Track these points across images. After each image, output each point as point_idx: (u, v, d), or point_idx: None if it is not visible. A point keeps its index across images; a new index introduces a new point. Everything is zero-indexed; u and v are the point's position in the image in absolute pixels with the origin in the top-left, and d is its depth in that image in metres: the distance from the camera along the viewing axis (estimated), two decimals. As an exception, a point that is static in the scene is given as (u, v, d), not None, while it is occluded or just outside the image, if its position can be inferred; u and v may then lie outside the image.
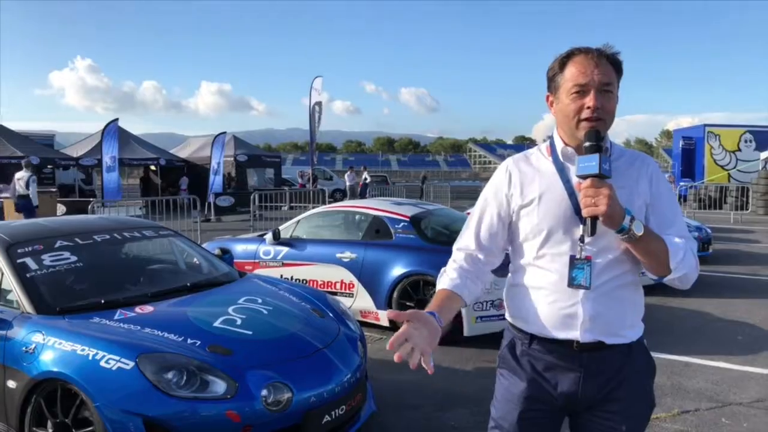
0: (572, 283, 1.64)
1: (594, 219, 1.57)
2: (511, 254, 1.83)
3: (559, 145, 1.74)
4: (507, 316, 1.86)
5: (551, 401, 1.73)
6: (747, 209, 18.55)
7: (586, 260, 1.64)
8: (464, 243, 1.83)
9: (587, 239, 1.64)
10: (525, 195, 1.74)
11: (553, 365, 1.71)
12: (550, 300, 1.69)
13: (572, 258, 1.65)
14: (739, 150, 24.10)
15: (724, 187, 20.23)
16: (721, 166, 23.89)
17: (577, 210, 1.65)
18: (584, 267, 1.63)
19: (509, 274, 1.85)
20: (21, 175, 12.42)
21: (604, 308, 1.65)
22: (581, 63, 1.64)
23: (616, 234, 1.59)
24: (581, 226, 1.64)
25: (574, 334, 1.66)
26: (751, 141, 24.06)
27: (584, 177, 1.59)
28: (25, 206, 12.03)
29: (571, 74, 1.65)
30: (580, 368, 1.69)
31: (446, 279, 1.77)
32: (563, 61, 1.68)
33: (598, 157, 1.56)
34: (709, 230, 9.90)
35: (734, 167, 23.66)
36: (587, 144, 1.61)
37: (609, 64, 1.65)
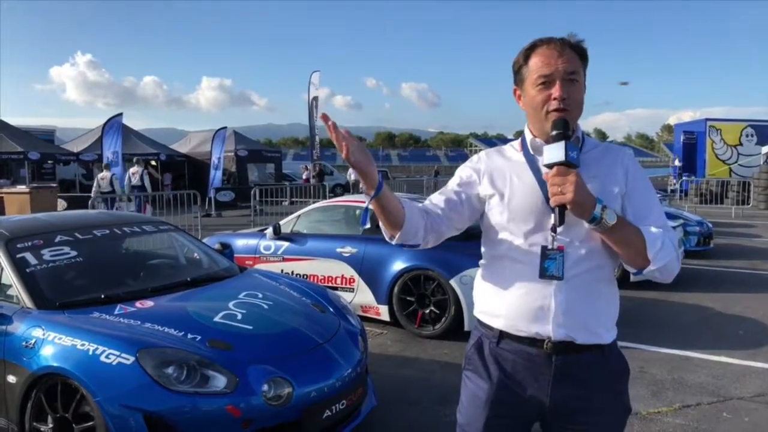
0: (544, 273, 1.60)
1: (562, 208, 1.53)
2: (483, 246, 1.79)
3: (528, 138, 1.72)
4: (475, 311, 1.79)
5: (520, 406, 1.66)
6: (748, 204, 18.52)
7: (558, 250, 1.60)
8: (433, 199, 1.78)
9: (559, 229, 1.60)
10: (496, 187, 1.71)
11: (523, 367, 1.65)
12: (522, 292, 1.64)
13: (544, 248, 1.61)
14: (741, 144, 24.03)
15: (725, 182, 20.19)
16: (723, 161, 23.82)
17: (548, 200, 1.61)
18: (556, 257, 1.59)
19: (479, 268, 1.80)
20: (136, 170, 14.78)
21: (578, 301, 1.61)
22: (544, 54, 1.62)
23: (588, 224, 1.55)
24: (552, 217, 1.60)
25: (546, 328, 1.61)
26: (752, 135, 23.98)
27: (551, 166, 1.56)
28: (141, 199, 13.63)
29: (536, 65, 1.62)
30: (549, 372, 1.62)
31: (404, 199, 1.69)
32: (527, 53, 1.66)
33: (563, 145, 1.54)
34: (710, 225, 9.88)
35: (735, 162, 23.59)
36: (554, 133, 1.58)
37: (573, 52, 1.62)
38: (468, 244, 3.69)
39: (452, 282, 5.18)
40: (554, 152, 1.55)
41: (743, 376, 4.47)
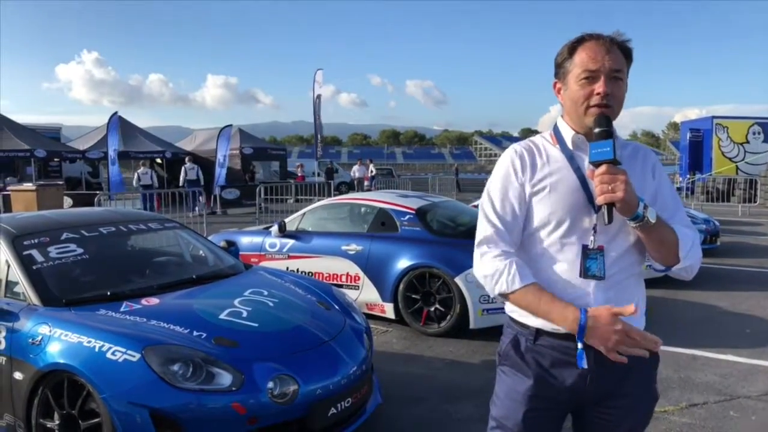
0: (586, 273, 1.61)
1: (610, 206, 1.54)
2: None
3: (568, 133, 1.70)
4: (507, 310, 1.78)
5: (557, 398, 1.69)
6: (755, 201, 18.43)
7: (598, 250, 1.61)
8: (494, 232, 1.69)
9: (599, 228, 1.61)
10: (535, 183, 1.69)
11: (560, 361, 1.66)
12: (560, 291, 1.63)
13: (585, 248, 1.62)
14: (747, 142, 23.88)
15: (732, 180, 20.10)
16: (729, 158, 23.68)
17: (590, 199, 1.62)
18: (597, 257, 1.61)
19: None
20: (190, 166, 16.98)
21: (614, 299, 1.62)
22: (592, 49, 1.61)
23: (630, 222, 1.57)
24: (594, 215, 1.62)
25: None
26: (759, 133, 23.83)
27: (598, 164, 1.56)
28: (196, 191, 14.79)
29: (581, 60, 1.62)
30: (590, 362, 1.63)
31: (527, 273, 1.62)
32: (573, 47, 1.65)
33: (612, 143, 1.54)
34: (716, 223, 9.82)
35: (742, 159, 23.46)
36: (598, 130, 1.58)
37: (619, 51, 1.63)
38: (473, 242, 3.67)
39: (457, 280, 5.17)
40: (602, 149, 1.55)
41: (750, 374, 4.45)
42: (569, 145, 1.70)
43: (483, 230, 1.72)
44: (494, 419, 1.78)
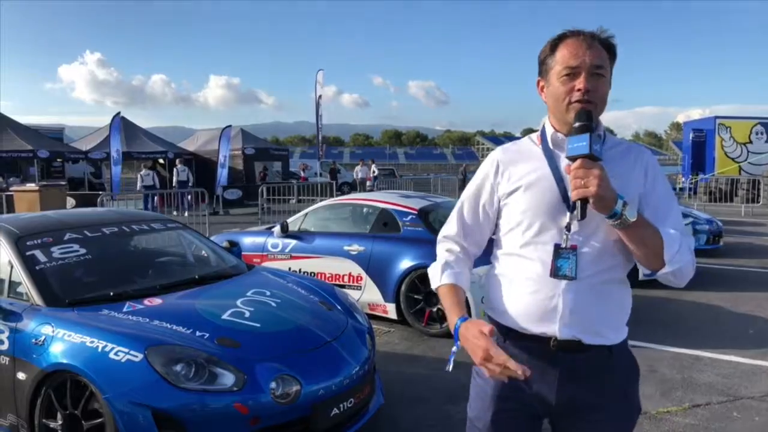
0: (557, 273, 1.57)
1: (584, 202, 1.50)
2: (494, 243, 1.77)
3: (549, 132, 1.69)
4: (486, 308, 1.79)
5: (525, 402, 1.66)
6: (758, 202, 18.39)
7: (571, 249, 1.57)
8: (450, 231, 1.80)
9: (574, 228, 1.57)
10: (512, 182, 1.68)
11: (528, 365, 1.60)
12: (531, 291, 1.61)
13: (557, 247, 1.58)
14: (751, 142, 23.82)
15: (735, 180, 20.07)
16: (732, 159, 23.64)
17: (564, 198, 1.59)
18: (569, 256, 1.57)
19: (489, 265, 1.79)
20: (182, 168, 17.91)
21: (587, 302, 1.58)
22: (572, 45, 1.59)
23: (608, 220, 1.51)
24: (568, 215, 1.58)
25: (552, 328, 1.59)
26: (762, 133, 23.77)
27: (574, 158, 1.52)
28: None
29: (562, 56, 1.59)
30: (556, 370, 1.61)
31: (450, 273, 1.73)
32: (554, 44, 1.63)
33: (588, 137, 1.50)
34: (719, 223, 9.80)
35: (745, 159, 23.41)
36: (577, 124, 1.54)
37: (601, 47, 1.60)
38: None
39: (460, 280, 5.15)
40: (578, 144, 1.51)
41: (753, 375, 4.44)
42: (550, 144, 1.68)
43: (446, 224, 1.84)
44: (469, 420, 1.78)
